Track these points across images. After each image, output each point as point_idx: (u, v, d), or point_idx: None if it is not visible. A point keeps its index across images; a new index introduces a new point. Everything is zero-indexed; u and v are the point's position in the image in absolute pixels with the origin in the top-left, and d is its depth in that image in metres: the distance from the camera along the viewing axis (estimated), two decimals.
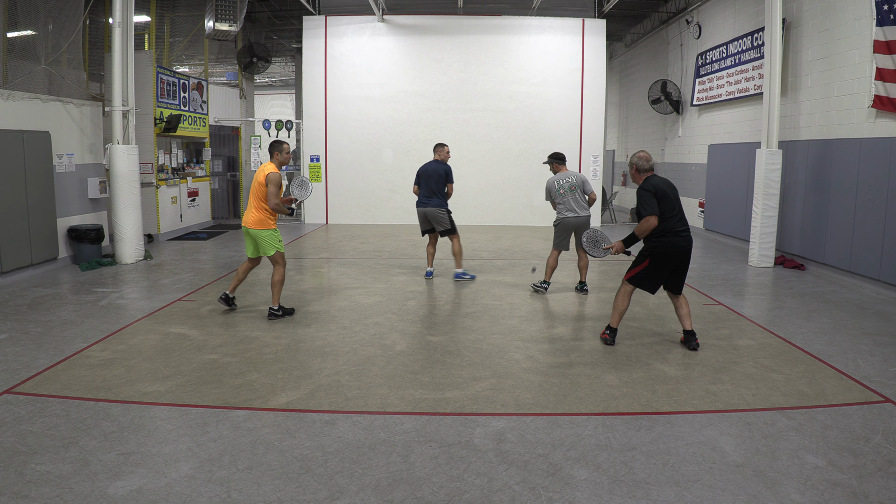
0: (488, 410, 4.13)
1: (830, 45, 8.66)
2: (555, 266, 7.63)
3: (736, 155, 11.31)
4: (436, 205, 8.02)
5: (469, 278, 8.23)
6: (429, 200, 8.04)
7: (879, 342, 5.65)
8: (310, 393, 4.39)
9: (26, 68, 8.56)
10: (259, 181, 6.16)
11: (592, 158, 14.43)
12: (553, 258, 7.59)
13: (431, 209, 8.03)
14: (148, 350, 5.27)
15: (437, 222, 8.07)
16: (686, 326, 5.45)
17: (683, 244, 5.26)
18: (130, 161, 9.25)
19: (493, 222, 14.59)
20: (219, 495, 3.07)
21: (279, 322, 6.17)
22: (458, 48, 14.28)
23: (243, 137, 15.61)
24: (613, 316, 5.56)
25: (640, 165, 5.38)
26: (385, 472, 3.32)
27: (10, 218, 7.82)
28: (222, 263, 9.35)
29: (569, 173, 7.43)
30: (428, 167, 8.10)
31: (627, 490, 3.16)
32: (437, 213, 8.02)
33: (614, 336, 5.58)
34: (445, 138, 14.42)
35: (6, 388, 4.36)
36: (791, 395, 4.40)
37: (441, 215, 8.03)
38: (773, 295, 7.67)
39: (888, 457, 3.49)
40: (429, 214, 8.07)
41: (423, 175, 8.08)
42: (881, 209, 7.60)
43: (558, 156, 7.55)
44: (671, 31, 14.90)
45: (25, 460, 3.36)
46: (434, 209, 8.02)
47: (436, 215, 8.03)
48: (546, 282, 7.64)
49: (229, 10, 10.95)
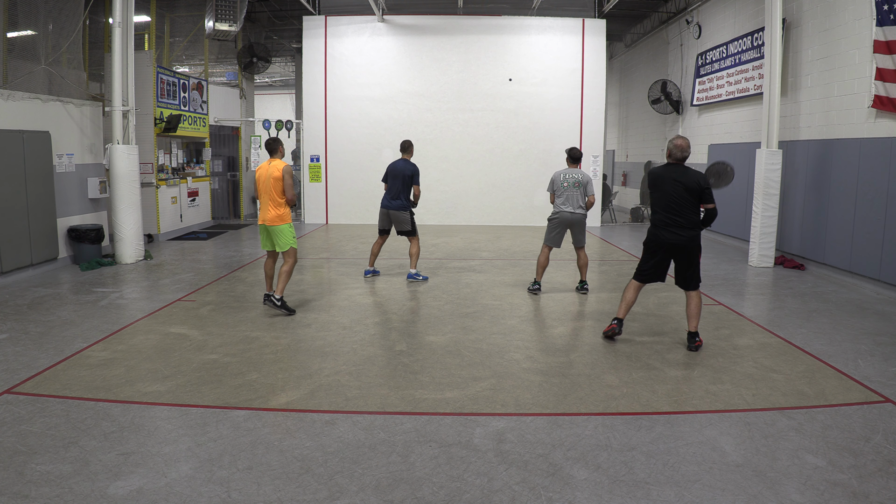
0: (488, 410, 4.13)
1: (830, 45, 8.66)
2: (545, 264, 7.53)
3: (736, 155, 11.30)
4: (398, 207, 7.94)
5: (422, 279, 8.19)
6: (392, 202, 7.98)
7: (879, 342, 5.65)
8: (310, 393, 4.39)
9: (26, 68, 8.56)
10: (275, 176, 6.21)
11: (592, 158, 14.43)
12: (544, 256, 7.50)
13: (395, 211, 7.97)
14: (148, 350, 5.27)
15: (399, 223, 8.04)
16: (689, 327, 5.44)
17: (668, 238, 5.24)
18: (130, 161, 9.25)
19: (493, 222, 14.59)
20: (219, 495, 3.07)
21: (279, 322, 6.17)
22: (458, 48, 14.28)
23: (243, 137, 15.61)
24: (620, 307, 5.59)
25: (668, 152, 5.41)
26: (385, 472, 3.32)
27: (10, 218, 7.82)
28: (222, 263, 9.35)
29: (577, 170, 7.44)
30: (397, 165, 8.02)
31: (627, 490, 3.16)
32: (399, 215, 7.98)
33: (621, 326, 5.60)
34: (445, 138, 14.48)
35: (6, 388, 4.36)
36: (791, 395, 4.40)
37: (404, 217, 8.01)
38: (773, 295, 7.67)
39: (888, 457, 3.49)
40: (392, 216, 8.02)
41: (391, 173, 8.02)
42: (881, 209, 7.60)
43: (574, 154, 7.53)
44: (671, 31, 14.90)
45: (25, 460, 3.36)
46: (397, 211, 7.97)
47: (398, 217, 7.99)
48: (537, 282, 7.58)
49: (229, 10, 10.95)
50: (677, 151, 5.30)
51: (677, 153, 5.31)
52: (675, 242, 5.25)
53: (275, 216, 6.29)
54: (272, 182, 6.23)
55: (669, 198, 5.25)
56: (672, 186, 5.24)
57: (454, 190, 14.54)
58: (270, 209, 6.29)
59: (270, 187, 6.24)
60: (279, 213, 6.29)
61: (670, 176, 5.27)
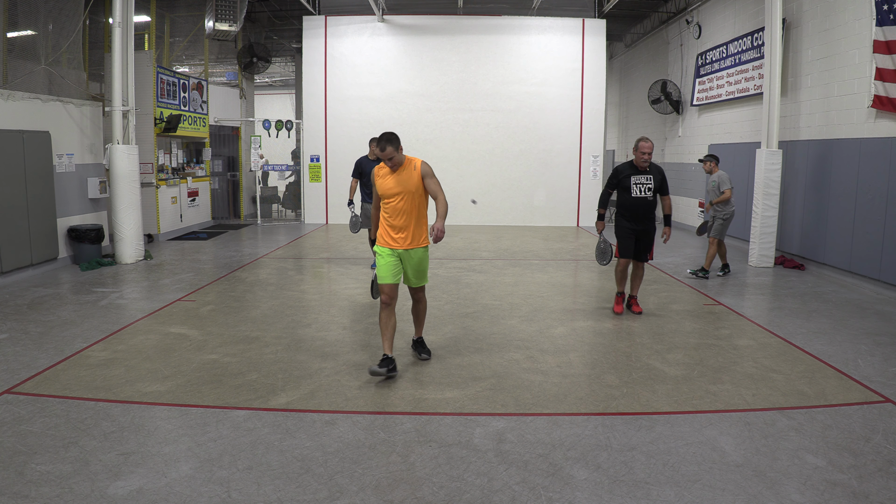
0: (488, 410, 4.13)
1: (830, 45, 8.65)
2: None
3: (736, 155, 11.30)
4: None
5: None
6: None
7: (879, 342, 5.65)
8: (310, 393, 4.39)
9: (26, 68, 8.56)
10: (415, 177, 4.60)
11: (592, 158, 14.43)
12: (714, 247, 8.50)
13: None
14: (148, 350, 5.27)
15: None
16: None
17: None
18: (130, 161, 9.25)
19: (493, 222, 14.59)
20: (219, 495, 3.07)
21: (279, 322, 6.17)
22: (458, 48, 14.28)
23: (243, 137, 15.61)
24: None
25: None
26: (385, 472, 3.32)
27: (10, 218, 7.82)
28: (222, 263, 9.35)
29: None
30: (363, 163, 8.12)
31: (627, 490, 3.16)
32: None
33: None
34: (445, 138, 14.48)
35: (6, 388, 4.36)
36: (791, 395, 4.40)
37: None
38: (773, 295, 7.67)
39: (888, 457, 3.49)
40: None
41: (363, 173, 8.12)
42: (881, 209, 7.60)
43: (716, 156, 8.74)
44: (671, 31, 14.90)
45: (25, 460, 3.36)
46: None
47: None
48: (706, 270, 8.48)
49: (229, 10, 10.95)
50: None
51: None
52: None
53: (420, 235, 4.75)
54: (413, 185, 4.62)
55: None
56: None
57: (454, 190, 14.48)
58: (413, 226, 4.69)
59: (412, 193, 4.63)
60: (423, 231, 4.78)
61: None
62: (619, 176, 6.41)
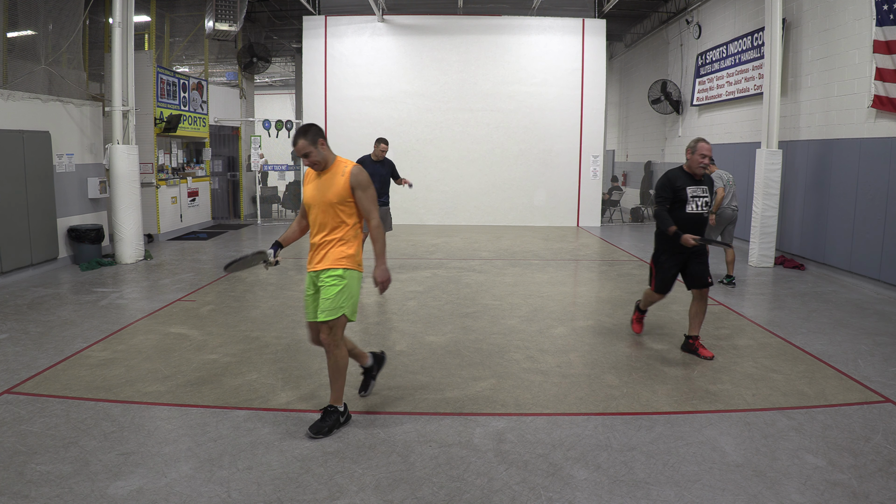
0: (488, 410, 4.13)
1: (830, 45, 8.66)
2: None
3: (736, 155, 11.30)
4: (385, 203, 8.00)
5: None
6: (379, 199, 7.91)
7: (879, 342, 5.65)
8: (310, 393, 4.38)
9: (26, 68, 8.56)
10: (340, 184, 3.80)
11: (592, 158, 14.43)
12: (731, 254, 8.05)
13: (384, 207, 8.00)
14: (148, 350, 5.27)
15: (387, 222, 8.11)
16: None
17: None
18: (130, 161, 9.24)
19: (493, 222, 14.58)
20: (219, 495, 3.07)
21: (279, 322, 6.17)
22: (458, 48, 14.28)
23: (243, 137, 15.61)
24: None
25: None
26: (385, 472, 3.31)
27: (10, 218, 7.81)
28: (222, 263, 9.34)
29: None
30: (365, 163, 7.86)
31: (627, 490, 3.16)
32: (387, 211, 8.08)
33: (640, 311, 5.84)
34: (445, 138, 14.48)
35: (6, 388, 4.36)
36: (791, 395, 4.40)
37: (390, 215, 8.15)
38: (773, 295, 7.67)
39: (888, 457, 3.49)
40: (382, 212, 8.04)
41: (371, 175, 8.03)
42: (881, 209, 7.60)
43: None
44: (671, 31, 14.90)
45: (25, 460, 3.36)
46: (386, 208, 8.03)
47: (386, 215, 8.06)
48: (731, 276, 8.07)
49: (229, 10, 10.95)
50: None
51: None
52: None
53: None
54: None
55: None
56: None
57: (454, 190, 14.54)
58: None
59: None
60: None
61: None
62: (675, 185, 5.03)
